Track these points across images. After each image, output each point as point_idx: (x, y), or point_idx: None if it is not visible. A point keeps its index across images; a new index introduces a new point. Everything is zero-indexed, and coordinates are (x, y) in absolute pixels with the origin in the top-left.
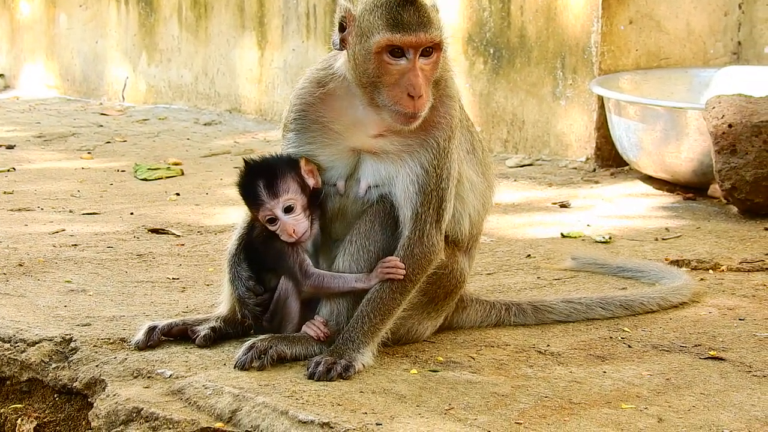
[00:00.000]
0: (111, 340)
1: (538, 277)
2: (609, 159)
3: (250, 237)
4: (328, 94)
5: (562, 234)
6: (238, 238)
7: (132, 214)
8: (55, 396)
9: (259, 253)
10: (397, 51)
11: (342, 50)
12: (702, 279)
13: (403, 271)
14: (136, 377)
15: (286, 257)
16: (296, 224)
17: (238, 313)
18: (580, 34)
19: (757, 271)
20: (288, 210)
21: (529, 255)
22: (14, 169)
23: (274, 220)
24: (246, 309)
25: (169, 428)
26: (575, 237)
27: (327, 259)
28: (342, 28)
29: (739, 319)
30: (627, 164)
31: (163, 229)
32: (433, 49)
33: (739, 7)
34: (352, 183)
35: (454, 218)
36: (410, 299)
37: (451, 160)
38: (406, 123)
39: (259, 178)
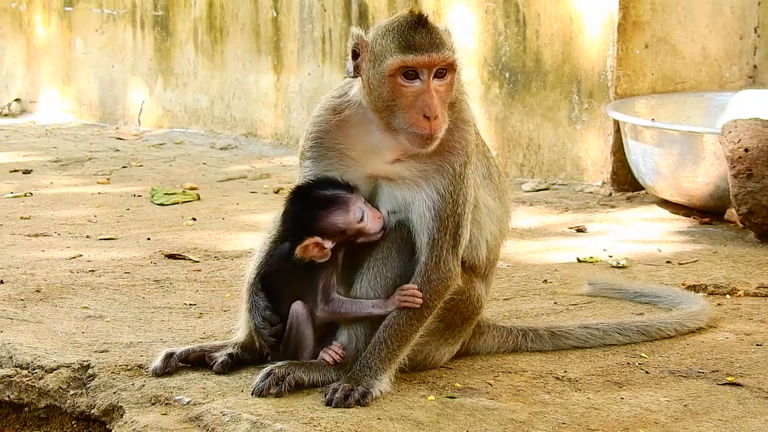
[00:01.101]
0: (128, 367)
1: (554, 303)
2: (625, 183)
3: (270, 262)
4: (344, 121)
5: (578, 259)
6: (257, 266)
7: (149, 239)
8: (73, 423)
9: (281, 276)
10: (410, 73)
11: (356, 77)
12: (719, 304)
13: (420, 300)
14: (153, 404)
15: (318, 276)
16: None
17: (256, 342)
18: (596, 58)
19: None
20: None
21: (545, 280)
22: (31, 194)
23: (361, 216)
24: (262, 339)
25: None
26: (592, 262)
27: (344, 285)
28: (355, 56)
29: (757, 345)
30: (643, 188)
31: (180, 255)
32: (446, 70)
33: (755, 30)
34: None
35: (471, 244)
36: (427, 325)
37: (468, 185)
38: (423, 145)
39: (329, 186)
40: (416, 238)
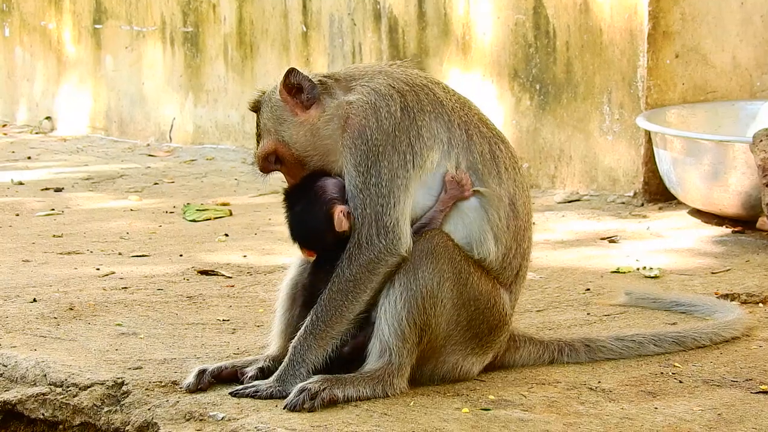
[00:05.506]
0: (162, 383)
1: (588, 314)
2: (657, 193)
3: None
4: None
5: (611, 269)
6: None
7: (181, 255)
8: None
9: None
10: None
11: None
12: (751, 312)
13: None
14: (188, 420)
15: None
16: None
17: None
18: (627, 68)
19: None
20: None
21: (588, 289)
22: (63, 211)
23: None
24: None
25: None
26: (625, 272)
27: None
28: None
29: None
30: (675, 198)
31: (213, 271)
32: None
33: None
34: None
35: (472, 235)
36: (362, 307)
37: (380, 152)
38: None
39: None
40: None
